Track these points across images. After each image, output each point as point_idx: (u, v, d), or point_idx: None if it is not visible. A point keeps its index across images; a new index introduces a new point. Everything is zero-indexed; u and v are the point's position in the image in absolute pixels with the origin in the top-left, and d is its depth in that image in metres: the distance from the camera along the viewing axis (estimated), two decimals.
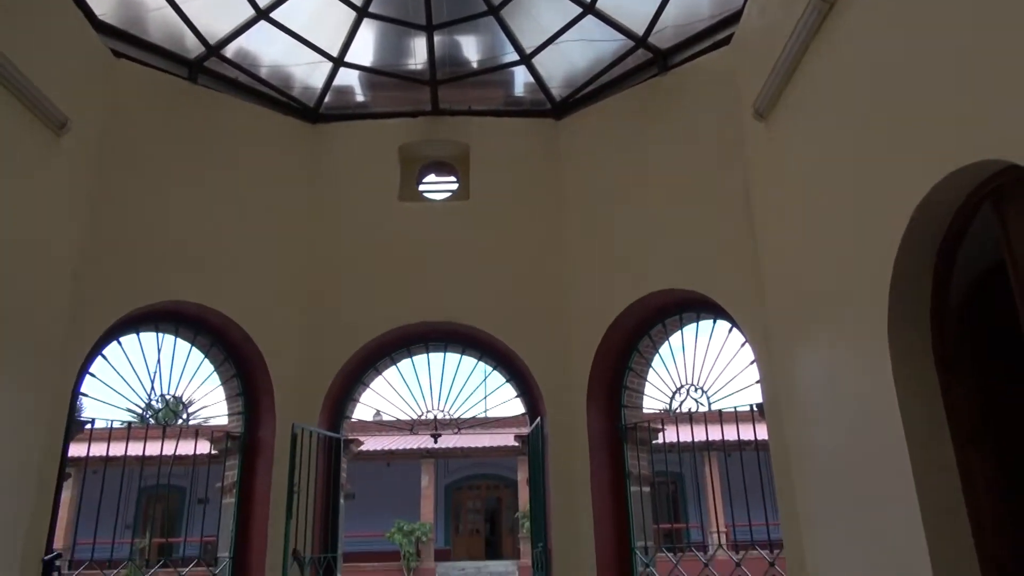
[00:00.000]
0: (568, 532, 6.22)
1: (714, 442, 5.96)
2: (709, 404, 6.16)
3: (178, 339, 6.38)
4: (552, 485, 6.39)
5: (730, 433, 5.77)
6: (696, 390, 6.27)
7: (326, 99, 7.31)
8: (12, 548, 4.69)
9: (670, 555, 6.52)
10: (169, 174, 6.24)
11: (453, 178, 7.67)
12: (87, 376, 5.60)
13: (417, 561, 22.00)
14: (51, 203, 5.23)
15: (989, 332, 3.58)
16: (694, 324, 6.36)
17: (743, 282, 5.55)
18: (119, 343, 5.94)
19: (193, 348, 6.52)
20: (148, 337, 6.19)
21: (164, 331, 6.29)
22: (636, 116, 6.68)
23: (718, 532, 15.67)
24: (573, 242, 6.92)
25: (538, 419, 6.61)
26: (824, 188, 4.26)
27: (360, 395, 7.15)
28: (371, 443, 22.18)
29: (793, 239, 4.81)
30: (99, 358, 5.74)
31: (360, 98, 7.77)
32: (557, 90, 7.33)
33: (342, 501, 6.80)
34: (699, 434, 6.02)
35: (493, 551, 25.79)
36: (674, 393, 6.44)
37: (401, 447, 23.25)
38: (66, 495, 17.63)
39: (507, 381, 7.10)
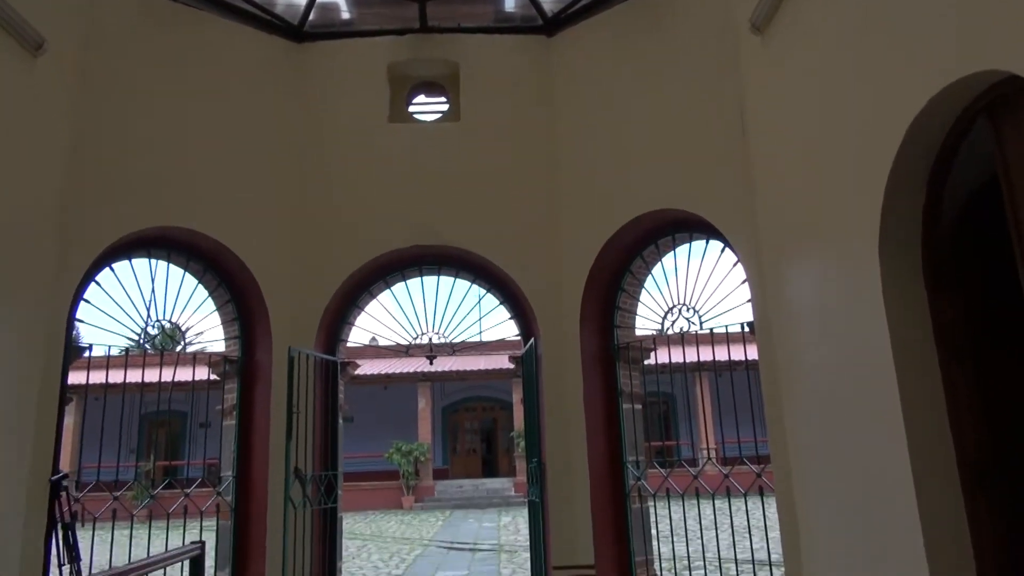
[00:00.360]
0: (562, 448, 6.39)
1: (705, 362, 6.04)
2: (700, 324, 6.24)
3: (171, 265, 6.38)
4: (546, 403, 6.52)
5: (721, 353, 5.86)
6: (688, 310, 6.33)
7: (311, 17, 7.06)
8: (19, 470, 4.81)
9: (661, 469, 6.72)
10: (152, 95, 6.09)
11: (443, 99, 7.52)
12: (82, 302, 5.61)
13: (416, 480, 22.71)
14: (31, 127, 5.10)
15: (980, 251, 3.60)
16: (687, 244, 6.37)
17: (736, 201, 5.52)
18: (111, 269, 5.93)
19: (186, 274, 6.52)
20: (141, 263, 6.18)
21: (156, 257, 6.27)
22: (629, 32, 6.51)
23: (708, 449, 16.15)
24: (565, 162, 6.85)
25: (532, 340, 6.69)
26: (819, 105, 4.19)
27: (355, 318, 7.21)
28: (368, 367, 22.54)
29: (787, 157, 4.76)
30: (93, 284, 5.74)
31: (346, 15, 7.51)
32: (549, 5, 7.10)
33: (341, 422, 6.95)
34: (690, 354, 6.11)
35: (490, 469, 26.65)
36: (666, 313, 6.50)
37: (398, 371, 23.64)
38: (69, 421, 17.98)
39: (500, 303, 7.15)
